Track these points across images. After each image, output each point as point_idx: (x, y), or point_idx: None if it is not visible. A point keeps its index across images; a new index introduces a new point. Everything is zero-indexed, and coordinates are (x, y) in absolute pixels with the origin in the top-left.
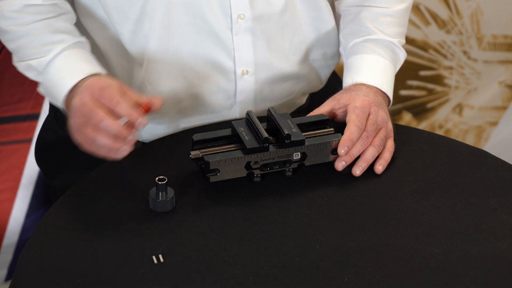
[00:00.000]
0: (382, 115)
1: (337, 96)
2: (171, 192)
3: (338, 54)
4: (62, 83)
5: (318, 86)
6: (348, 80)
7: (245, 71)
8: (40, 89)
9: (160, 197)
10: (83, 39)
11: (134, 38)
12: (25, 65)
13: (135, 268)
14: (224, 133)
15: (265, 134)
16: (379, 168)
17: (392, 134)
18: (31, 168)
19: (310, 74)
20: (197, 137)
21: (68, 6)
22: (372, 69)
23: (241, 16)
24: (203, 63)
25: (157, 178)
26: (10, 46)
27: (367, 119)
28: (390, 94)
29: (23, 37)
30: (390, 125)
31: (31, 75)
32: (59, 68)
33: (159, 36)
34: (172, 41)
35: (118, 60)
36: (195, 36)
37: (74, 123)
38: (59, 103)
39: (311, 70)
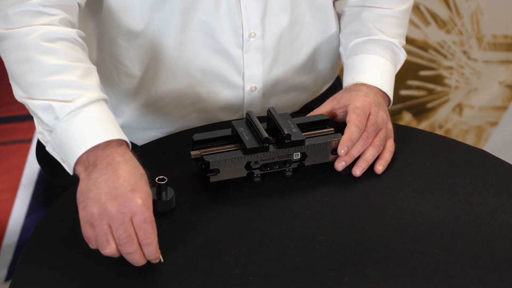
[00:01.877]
0: (382, 116)
1: (337, 96)
2: (171, 192)
3: (340, 62)
4: (85, 137)
5: (320, 91)
6: (348, 80)
7: (253, 87)
8: (41, 136)
9: (160, 197)
10: (107, 97)
11: (146, 53)
12: (44, 105)
13: (135, 268)
14: (224, 133)
15: (265, 134)
16: (379, 168)
17: (392, 135)
18: (31, 168)
19: (315, 84)
20: (197, 137)
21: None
22: (373, 69)
23: (252, 35)
24: (213, 79)
25: (157, 178)
26: (28, 79)
27: (367, 120)
28: (391, 95)
29: (52, 73)
30: (390, 126)
31: (46, 117)
32: (85, 120)
33: (171, 52)
34: (183, 56)
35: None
36: (206, 53)
37: (92, 210)
38: (71, 158)
39: (316, 81)
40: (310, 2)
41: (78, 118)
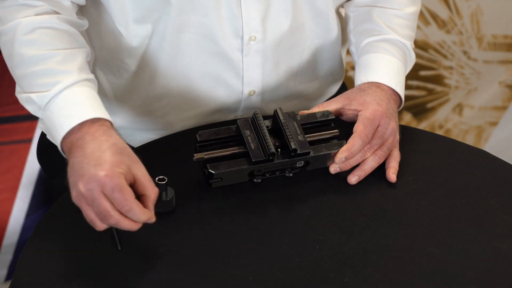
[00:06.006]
0: (392, 127)
1: (350, 95)
2: (171, 192)
3: (343, 69)
4: (61, 124)
5: (323, 100)
6: (361, 78)
7: (252, 91)
8: (40, 125)
9: (160, 197)
10: (92, 76)
11: (143, 54)
12: (25, 98)
13: (135, 268)
14: (229, 132)
15: (272, 149)
16: (393, 176)
17: (397, 145)
18: (31, 168)
19: (316, 94)
20: (201, 136)
21: (82, 40)
22: (387, 69)
23: (252, 38)
24: (211, 82)
25: (157, 178)
26: (16, 73)
27: (375, 131)
28: (403, 96)
29: (33, 64)
30: (397, 136)
31: (31, 109)
32: (61, 106)
33: (168, 53)
34: (181, 59)
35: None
36: (205, 55)
37: (72, 194)
38: (57, 143)
39: (317, 90)
40: (312, 7)
41: (54, 106)
